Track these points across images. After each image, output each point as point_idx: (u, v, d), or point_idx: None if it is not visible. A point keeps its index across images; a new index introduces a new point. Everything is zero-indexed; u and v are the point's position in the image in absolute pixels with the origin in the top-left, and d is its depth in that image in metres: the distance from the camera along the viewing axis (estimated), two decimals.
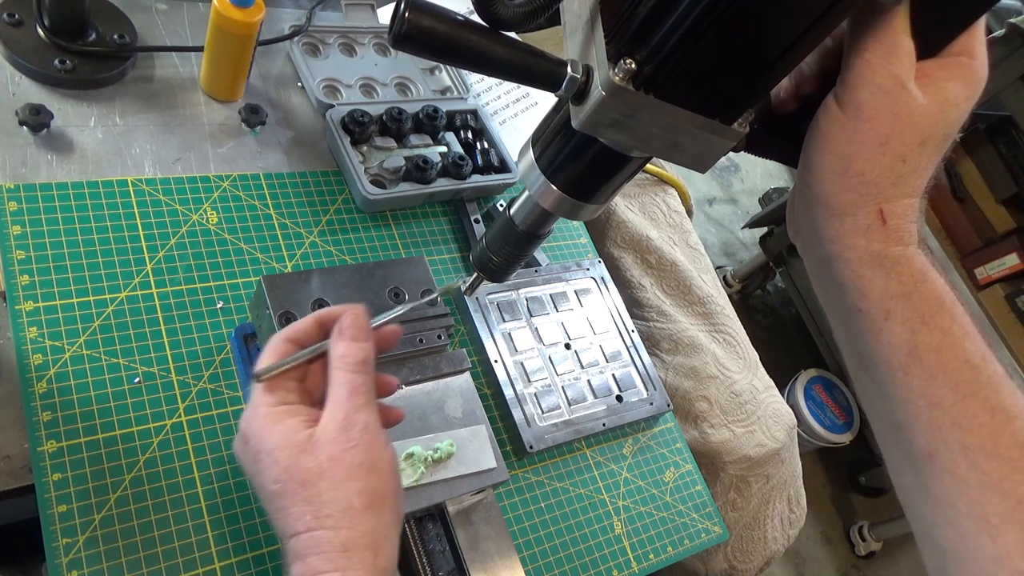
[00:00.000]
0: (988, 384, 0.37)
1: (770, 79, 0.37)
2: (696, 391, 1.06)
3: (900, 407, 0.39)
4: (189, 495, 0.66)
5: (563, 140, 0.43)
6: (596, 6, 0.37)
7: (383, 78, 0.98)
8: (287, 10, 1.01)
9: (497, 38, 0.38)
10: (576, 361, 0.91)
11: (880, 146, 0.36)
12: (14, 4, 0.79)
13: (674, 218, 1.24)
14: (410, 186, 0.88)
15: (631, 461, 0.89)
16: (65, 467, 0.63)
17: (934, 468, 0.38)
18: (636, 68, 0.35)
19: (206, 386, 0.71)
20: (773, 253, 2.19)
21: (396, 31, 0.36)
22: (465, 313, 0.88)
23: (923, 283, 0.38)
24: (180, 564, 0.63)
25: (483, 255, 0.54)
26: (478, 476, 0.67)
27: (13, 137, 0.75)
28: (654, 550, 0.84)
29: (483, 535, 0.69)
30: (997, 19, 1.71)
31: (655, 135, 0.38)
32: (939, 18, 0.36)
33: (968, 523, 0.37)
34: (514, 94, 1.07)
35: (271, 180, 0.86)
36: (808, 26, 0.33)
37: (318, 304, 0.67)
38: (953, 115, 0.37)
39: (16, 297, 0.68)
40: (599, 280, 0.99)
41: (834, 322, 0.43)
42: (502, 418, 0.84)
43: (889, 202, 0.37)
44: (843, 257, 0.39)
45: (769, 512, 1.08)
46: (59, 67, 0.79)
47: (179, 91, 0.87)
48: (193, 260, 0.77)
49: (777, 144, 0.43)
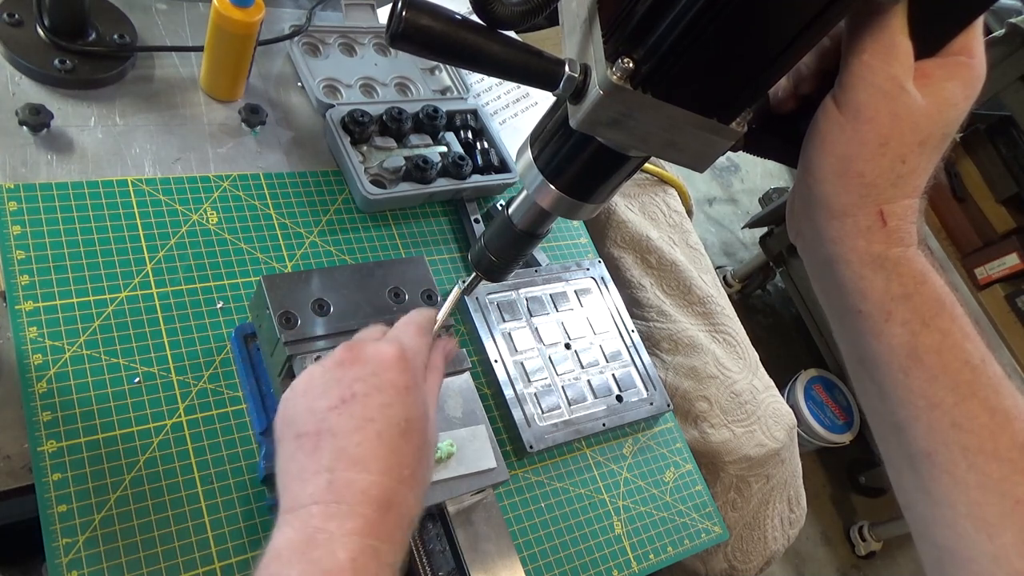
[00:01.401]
0: (988, 385, 0.37)
1: (768, 78, 0.37)
2: (696, 391, 1.06)
3: (900, 408, 0.39)
4: (189, 495, 0.66)
5: (561, 139, 0.43)
6: (594, 5, 0.37)
7: (383, 78, 0.98)
8: (287, 10, 1.01)
9: (495, 37, 0.38)
10: (576, 361, 0.91)
11: (879, 147, 0.36)
12: (14, 4, 0.79)
13: (674, 218, 1.24)
14: (410, 186, 0.88)
15: (631, 461, 0.89)
16: (65, 467, 0.63)
17: (933, 469, 0.38)
18: (634, 67, 0.35)
19: (206, 386, 0.71)
20: (773, 253, 2.19)
21: (393, 29, 0.36)
22: (465, 313, 0.88)
23: (923, 284, 0.38)
24: (180, 564, 0.63)
25: (481, 254, 0.54)
26: (478, 476, 0.67)
27: (13, 137, 0.75)
28: (654, 550, 0.84)
29: (483, 535, 0.69)
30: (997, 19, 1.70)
31: (653, 134, 0.38)
32: (937, 18, 0.36)
33: (967, 523, 0.37)
34: (514, 94, 1.07)
35: (271, 180, 0.86)
36: (806, 25, 0.33)
37: (318, 304, 0.67)
38: (952, 115, 0.37)
39: (16, 297, 0.68)
40: (599, 280, 0.99)
41: (834, 323, 0.43)
42: (502, 418, 0.84)
43: (889, 203, 0.37)
44: (843, 258, 0.39)
45: (769, 512, 1.08)
46: (59, 67, 0.79)
47: (179, 91, 0.87)
48: (193, 260, 0.77)
49: (775, 143, 0.43)
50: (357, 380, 0.46)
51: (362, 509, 0.42)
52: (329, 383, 0.46)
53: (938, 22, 0.36)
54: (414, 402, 0.47)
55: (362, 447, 0.43)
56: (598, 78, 0.36)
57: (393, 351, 0.48)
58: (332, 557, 0.40)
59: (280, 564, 0.40)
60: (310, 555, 0.40)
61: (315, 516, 0.41)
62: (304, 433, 0.45)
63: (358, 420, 0.44)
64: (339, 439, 0.44)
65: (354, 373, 0.46)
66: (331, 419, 0.45)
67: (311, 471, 0.43)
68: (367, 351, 0.48)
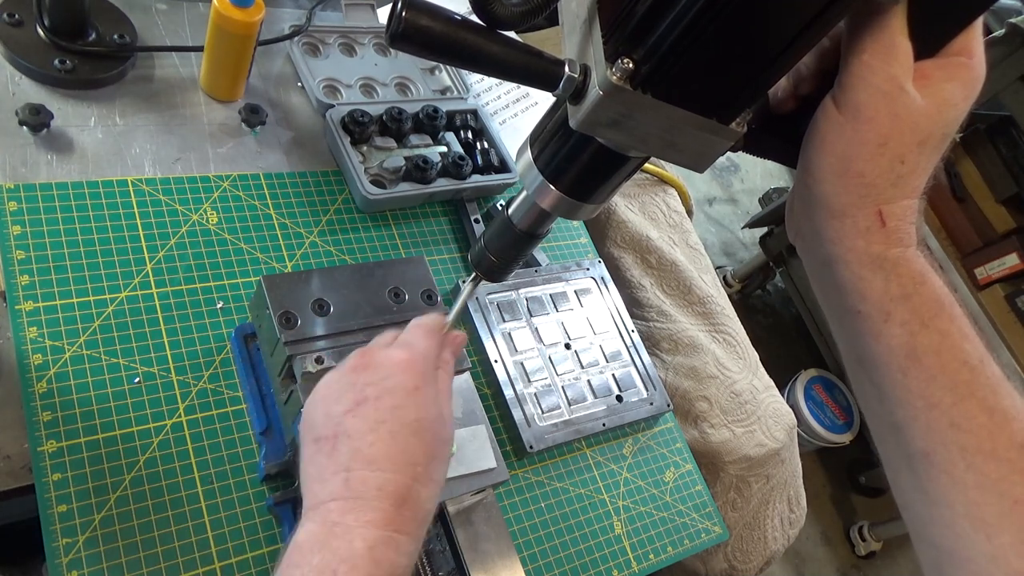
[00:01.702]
0: (986, 386, 0.37)
1: (768, 78, 0.37)
2: (696, 391, 1.06)
3: (898, 408, 0.39)
4: (189, 495, 0.66)
5: (561, 140, 0.43)
6: (594, 5, 0.37)
7: (383, 78, 0.98)
8: (287, 10, 1.01)
9: (494, 37, 0.38)
10: (576, 361, 0.91)
11: (879, 147, 0.36)
12: (14, 4, 0.79)
13: (674, 218, 1.24)
14: (410, 186, 0.88)
15: (631, 461, 0.89)
16: (65, 467, 0.63)
17: (931, 469, 0.38)
18: (634, 68, 0.35)
19: (206, 386, 0.71)
20: (773, 253, 2.19)
21: (393, 30, 0.36)
22: (465, 313, 0.88)
23: (922, 285, 0.38)
24: (180, 564, 0.63)
25: (482, 255, 0.54)
26: (478, 476, 0.67)
27: (13, 137, 0.75)
28: (654, 550, 0.84)
29: (483, 535, 0.69)
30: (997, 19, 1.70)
31: (653, 135, 0.38)
32: (937, 18, 0.36)
33: (965, 523, 0.37)
34: (514, 94, 1.07)
35: (271, 180, 0.86)
36: (806, 25, 0.33)
37: (318, 304, 0.67)
38: (951, 115, 0.37)
39: (16, 297, 0.68)
40: (599, 280, 0.99)
41: (833, 323, 0.43)
42: (502, 418, 0.84)
43: (888, 203, 0.37)
44: (843, 259, 0.39)
45: (769, 512, 1.08)
46: (59, 67, 0.79)
47: (179, 91, 0.87)
48: (193, 260, 0.77)
49: (775, 144, 0.43)
50: (369, 384, 0.48)
51: (378, 503, 0.44)
52: (344, 388, 0.49)
53: (938, 22, 0.36)
54: (424, 402, 0.49)
55: (375, 447, 0.46)
56: (598, 79, 0.36)
57: (402, 355, 0.50)
58: (350, 546, 0.42)
59: (301, 554, 0.43)
60: (330, 544, 0.42)
61: (333, 511, 0.44)
62: (322, 437, 0.48)
63: (371, 422, 0.47)
64: (354, 440, 0.46)
65: (366, 378, 0.49)
66: (346, 422, 0.47)
67: (330, 471, 0.46)
68: (378, 356, 0.50)
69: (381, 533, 0.43)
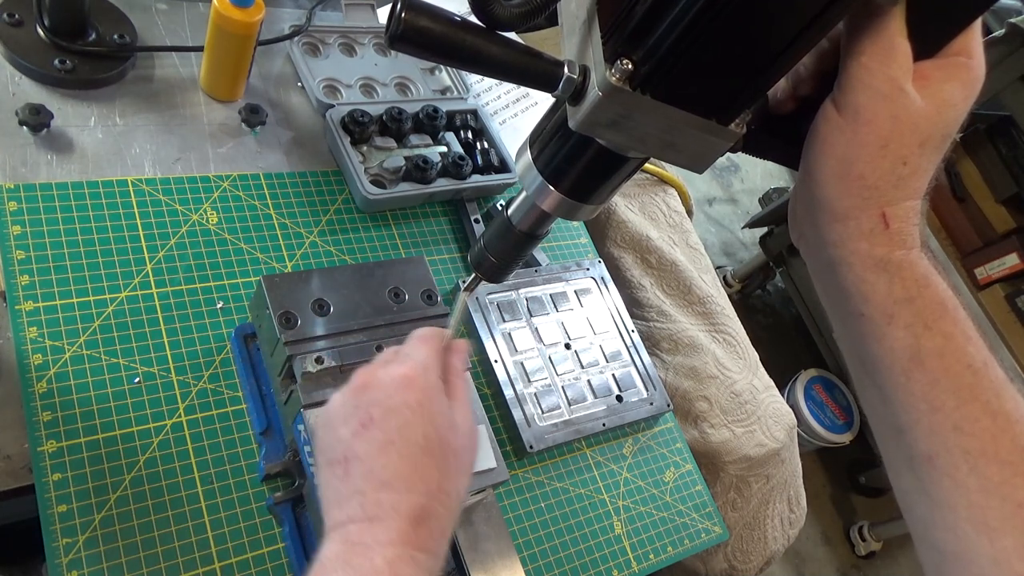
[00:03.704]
0: (989, 389, 0.37)
1: (767, 79, 0.37)
2: (696, 391, 1.06)
3: (901, 411, 0.39)
4: (189, 495, 0.66)
5: (560, 141, 0.43)
6: (593, 6, 0.37)
7: (383, 78, 0.98)
8: (287, 10, 1.01)
9: (494, 38, 0.38)
10: (576, 361, 0.91)
11: (880, 149, 0.36)
12: (14, 4, 0.79)
13: (674, 218, 1.24)
14: (410, 186, 0.88)
15: (631, 461, 0.89)
16: (65, 467, 0.63)
17: (934, 472, 0.38)
18: (633, 68, 0.35)
19: (206, 386, 0.71)
20: (773, 253, 2.19)
21: (392, 31, 0.36)
22: (465, 313, 0.88)
23: (926, 287, 0.38)
24: (180, 564, 0.63)
25: (481, 255, 0.54)
26: (478, 476, 0.67)
27: (13, 137, 0.75)
28: (654, 550, 0.84)
29: (483, 535, 0.69)
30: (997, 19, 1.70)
31: (652, 135, 0.38)
32: (936, 19, 0.36)
33: (967, 526, 0.37)
34: (514, 94, 1.07)
35: (271, 180, 0.86)
36: (805, 26, 0.33)
37: (318, 304, 0.67)
38: (952, 116, 0.37)
39: (16, 297, 0.68)
40: (599, 280, 0.99)
41: (836, 325, 0.43)
42: (502, 418, 0.84)
43: (891, 205, 0.37)
44: (846, 261, 0.39)
45: (769, 512, 1.08)
46: (59, 67, 0.79)
47: (179, 91, 0.87)
48: (193, 260, 0.77)
49: (775, 144, 0.43)
50: (373, 404, 0.48)
51: (394, 523, 0.44)
52: (349, 410, 0.49)
53: (937, 23, 0.36)
54: (430, 417, 0.48)
55: (387, 469, 0.46)
56: (597, 79, 0.36)
57: (402, 371, 0.50)
58: (370, 563, 0.42)
59: (324, 571, 0.43)
60: (351, 562, 0.43)
61: (352, 533, 0.44)
62: (334, 460, 0.48)
63: (379, 444, 0.47)
64: (365, 463, 0.46)
65: (369, 397, 0.49)
66: (355, 445, 0.47)
67: (345, 495, 0.46)
68: (379, 375, 0.50)
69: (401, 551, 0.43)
